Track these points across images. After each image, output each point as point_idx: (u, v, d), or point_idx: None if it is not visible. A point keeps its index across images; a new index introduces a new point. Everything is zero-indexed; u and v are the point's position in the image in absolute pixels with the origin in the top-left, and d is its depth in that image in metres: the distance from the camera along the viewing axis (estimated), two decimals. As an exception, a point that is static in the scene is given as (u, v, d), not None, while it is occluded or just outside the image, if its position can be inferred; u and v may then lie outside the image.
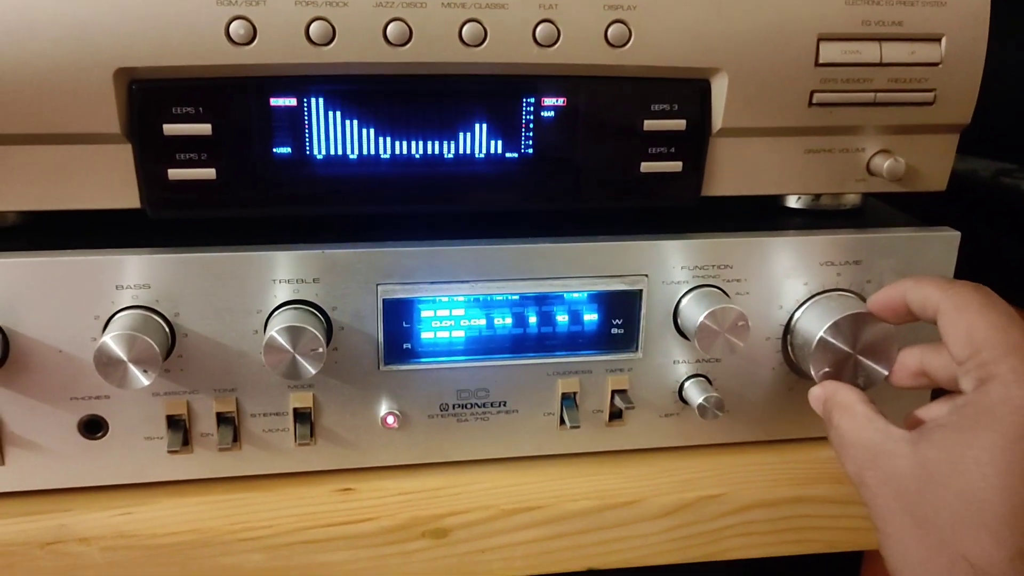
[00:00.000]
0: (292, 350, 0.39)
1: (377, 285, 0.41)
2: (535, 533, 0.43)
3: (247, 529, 0.41)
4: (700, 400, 0.44)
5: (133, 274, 0.40)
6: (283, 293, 0.41)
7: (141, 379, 0.38)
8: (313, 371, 0.39)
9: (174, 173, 0.40)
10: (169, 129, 0.39)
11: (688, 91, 0.42)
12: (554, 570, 0.44)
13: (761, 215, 0.47)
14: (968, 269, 0.46)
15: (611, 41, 0.40)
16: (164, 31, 0.37)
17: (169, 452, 0.42)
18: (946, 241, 0.46)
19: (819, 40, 0.42)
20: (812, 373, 0.44)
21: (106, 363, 0.38)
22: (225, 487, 0.43)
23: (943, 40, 0.43)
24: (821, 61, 0.42)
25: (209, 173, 0.40)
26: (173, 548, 0.41)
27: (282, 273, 0.41)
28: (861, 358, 0.43)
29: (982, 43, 0.43)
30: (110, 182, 0.40)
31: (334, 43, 0.39)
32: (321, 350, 0.39)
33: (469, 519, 0.42)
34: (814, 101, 0.43)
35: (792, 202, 0.48)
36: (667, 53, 0.41)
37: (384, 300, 0.42)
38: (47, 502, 0.42)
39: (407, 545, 0.42)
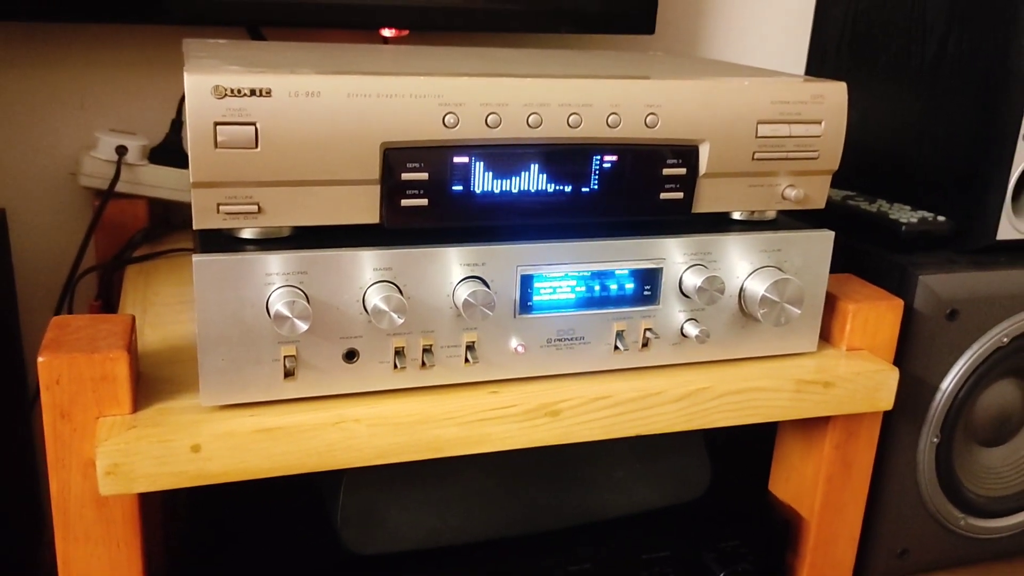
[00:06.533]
0: (475, 303, 0.67)
1: (517, 266, 0.70)
2: (605, 412, 0.73)
3: (445, 413, 0.69)
4: (695, 333, 0.75)
5: (380, 261, 0.67)
6: (461, 272, 0.69)
7: (396, 320, 0.66)
8: (490, 315, 0.68)
9: (404, 202, 0.67)
10: (404, 176, 0.67)
11: (687, 152, 0.73)
12: (616, 435, 0.73)
13: (719, 223, 0.79)
14: (833, 259, 0.79)
15: (648, 124, 0.71)
16: (409, 120, 0.65)
17: (396, 370, 0.69)
18: (827, 238, 0.79)
19: (758, 123, 0.74)
20: (757, 316, 0.76)
21: (378, 313, 0.65)
22: (426, 392, 0.70)
23: (823, 122, 0.76)
24: (759, 135, 0.74)
25: (423, 202, 0.68)
26: (404, 425, 0.68)
27: (462, 259, 0.69)
28: (786, 305, 0.75)
29: (843, 123, 0.76)
30: (362, 207, 0.67)
31: (500, 127, 0.67)
32: (493, 303, 0.68)
33: (570, 404, 0.71)
34: (755, 157, 0.75)
35: (737, 216, 0.80)
36: (678, 131, 0.72)
37: (521, 275, 0.70)
38: (324, 403, 0.68)
39: (536, 421, 0.71)
